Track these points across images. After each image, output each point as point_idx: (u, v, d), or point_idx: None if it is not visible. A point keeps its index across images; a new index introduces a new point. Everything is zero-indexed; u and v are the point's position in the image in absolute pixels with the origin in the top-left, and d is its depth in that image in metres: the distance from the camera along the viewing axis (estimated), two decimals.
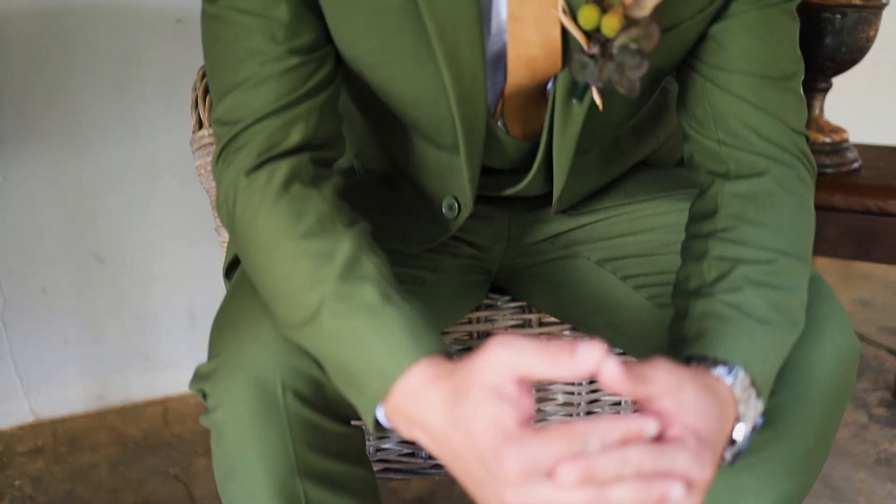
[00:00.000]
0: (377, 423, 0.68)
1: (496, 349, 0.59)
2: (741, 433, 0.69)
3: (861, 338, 2.01)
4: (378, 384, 0.65)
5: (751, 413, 0.68)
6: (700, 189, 0.82)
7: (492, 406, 0.59)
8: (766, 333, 0.70)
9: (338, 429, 0.78)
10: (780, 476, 0.79)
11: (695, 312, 0.73)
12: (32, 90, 1.49)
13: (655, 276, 0.90)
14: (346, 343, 0.67)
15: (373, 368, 0.65)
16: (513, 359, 0.58)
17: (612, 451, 0.56)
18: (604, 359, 0.57)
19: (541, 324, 1.06)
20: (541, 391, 1.10)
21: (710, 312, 0.72)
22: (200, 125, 0.97)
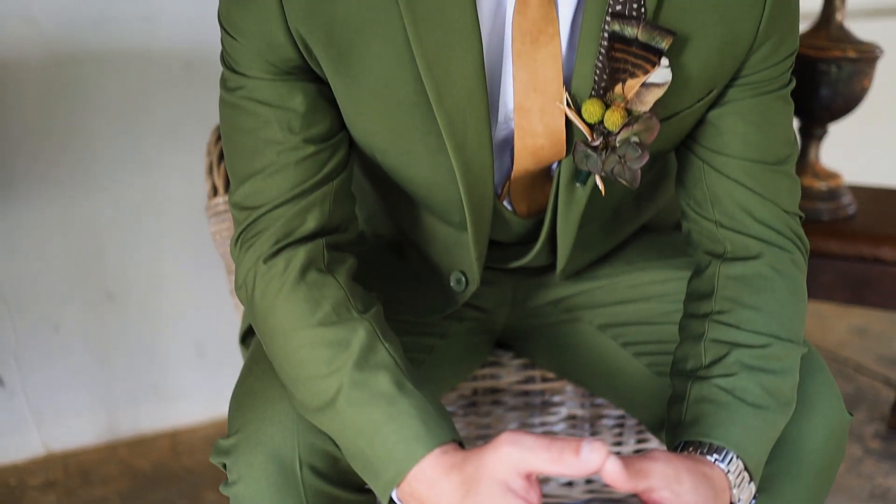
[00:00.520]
0: (391, 501, 0.72)
1: (505, 447, 0.63)
2: None
3: (857, 368, 2.05)
4: (393, 471, 0.69)
5: (744, 496, 0.72)
6: (697, 267, 0.86)
7: (501, 499, 0.63)
8: (759, 418, 0.74)
9: (352, 497, 0.81)
10: None
11: (691, 396, 0.77)
12: (45, 134, 1.52)
13: (654, 345, 0.94)
14: (363, 431, 0.70)
15: (388, 456, 0.69)
16: (521, 456, 0.62)
17: None
18: (606, 458, 0.60)
19: (543, 380, 1.10)
20: None
21: (706, 397, 0.75)
22: (215, 191, 1.00)
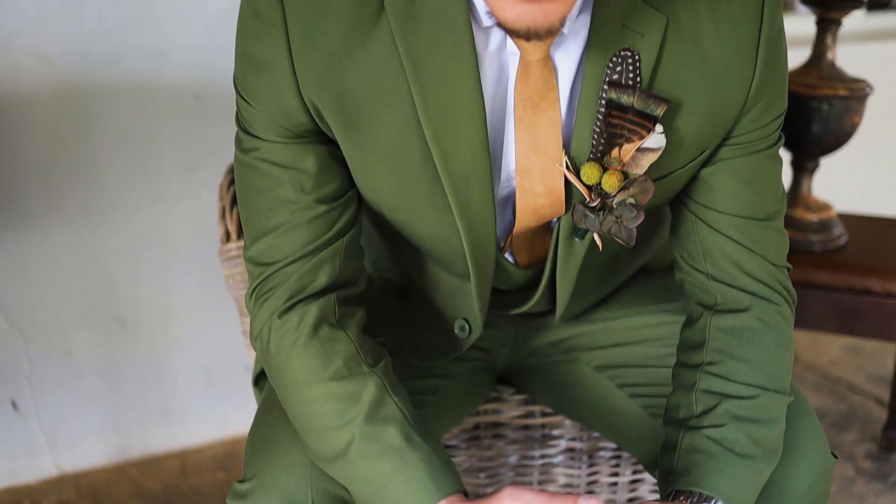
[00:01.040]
0: None
1: (507, 501, 0.67)
2: None
3: (850, 387, 2.10)
4: None
5: None
6: (690, 316, 0.90)
7: None
8: (747, 467, 0.78)
9: None
10: None
11: (683, 446, 0.81)
12: (57, 165, 1.57)
13: (649, 388, 0.98)
14: (373, 482, 0.75)
15: None
16: None
17: None
18: None
19: (543, 414, 1.14)
20: (543, 474, 1.18)
21: (696, 447, 0.80)
22: (228, 237, 1.04)
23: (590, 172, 0.79)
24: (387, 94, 0.78)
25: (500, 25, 0.70)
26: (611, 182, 0.79)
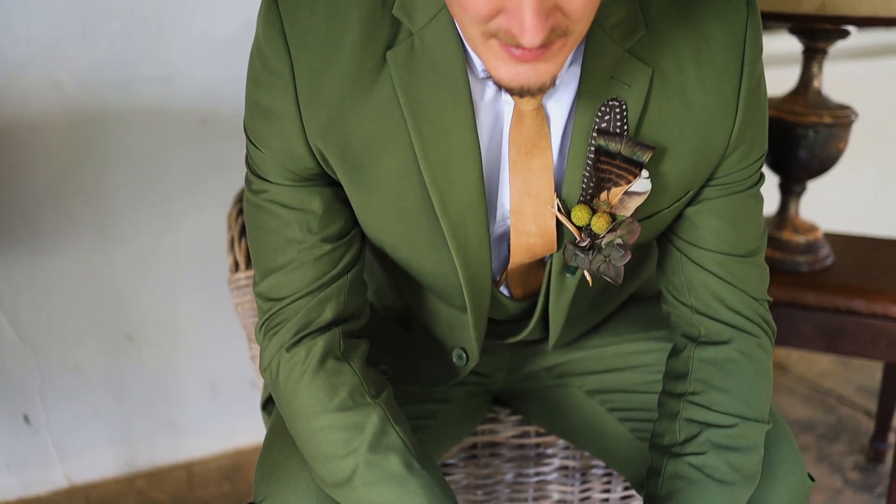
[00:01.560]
0: None
1: None
2: None
3: (839, 398, 2.14)
4: None
5: None
6: (675, 347, 0.95)
7: None
8: (726, 493, 0.83)
9: None
10: None
11: (666, 472, 0.86)
12: (69, 188, 1.61)
13: (637, 412, 1.03)
14: None
15: None
16: None
17: None
18: None
19: (537, 434, 1.19)
20: (538, 491, 1.23)
21: (679, 474, 0.85)
22: (237, 267, 1.09)
23: (580, 214, 0.84)
24: (388, 142, 0.82)
25: (495, 82, 0.75)
26: (600, 224, 0.84)
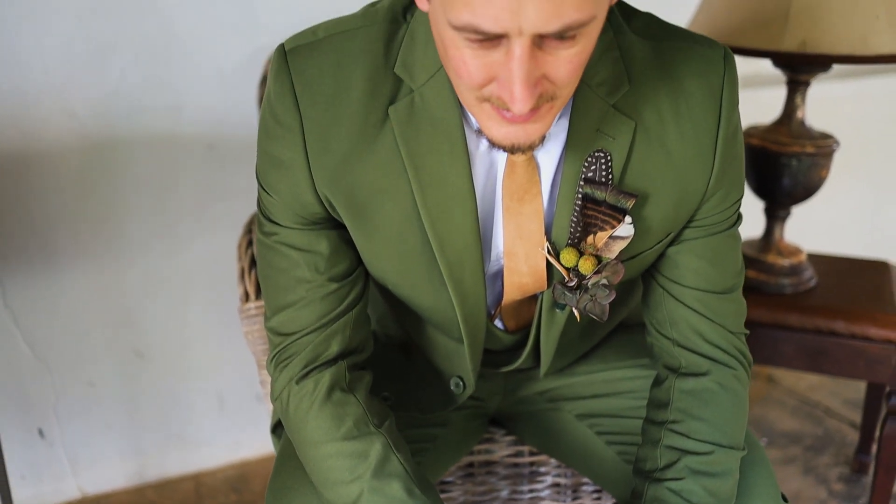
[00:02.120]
0: None
1: None
2: None
3: (827, 411, 2.21)
4: None
5: None
6: (658, 377, 1.01)
7: None
8: None
9: None
10: None
11: (648, 496, 0.93)
12: (82, 212, 1.68)
13: (623, 437, 1.10)
14: None
15: None
16: None
17: None
18: None
19: (531, 453, 1.26)
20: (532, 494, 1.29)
21: (659, 498, 0.91)
22: (247, 297, 1.16)
23: (568, 256, 0.91)
24: (391, 190, 0.89)
25: (488, 139, 0.81)
26: (586, 265, 0.91)
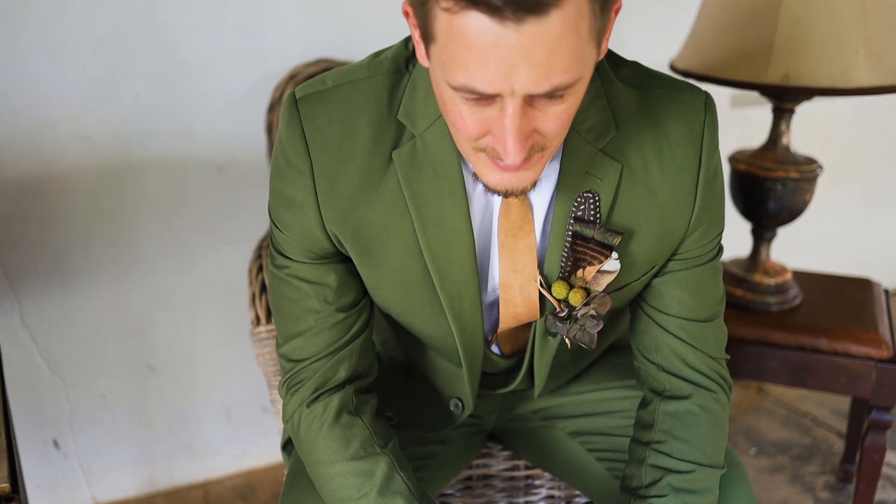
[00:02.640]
0: None
1: None
2: None
3: (815, 420, 2.28)
4: None
5: None
6: (644, 399, 1.08)
7: None
8: None
9: None
10: None
11: None
12: (96, 232, 1.75)
13: (612, 454, 1.17)
14: None
15: None
16: None
17: None
18: None
19: (526, 467, 1.33)
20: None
21: None
22: (258, 321, 1.22)
23: (559, 289, 0.98)
24: (394, 228, 0.96)
25: (484, 185, 0.88)
26: (576, 297, 0.97)
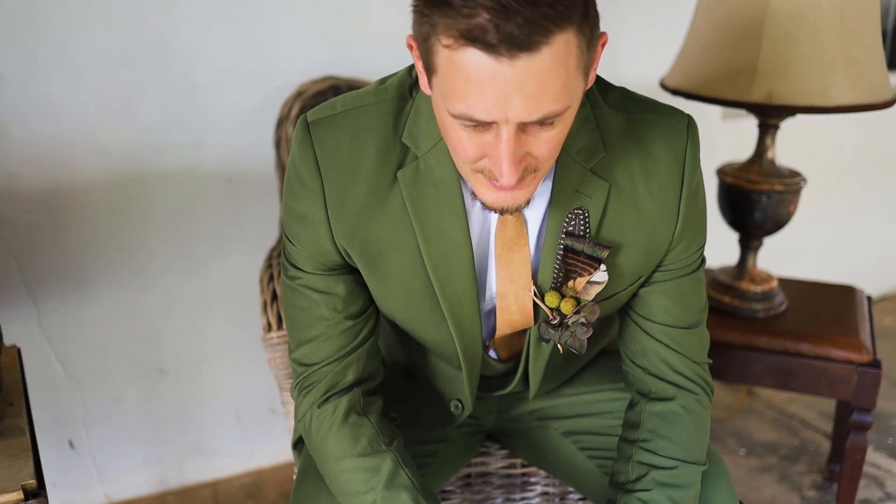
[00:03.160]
0: None
1: None
2: None
3: (803, 422, 2.35)
4: None
5: None
6: (631, 401, 1.16)
7: None
8: None
9: None
10: None
11: None
12: (111, 242, 1.82)
13: (602, 451, 1.24)
14: None
15: None
16: None
17: None
18: None
19: (522, 465, 1.40)
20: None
21: None
22: (270, 327, 1.30)
23: (551, 298, 1.05)
24: (399, 242, 1.03)
25: (481, 203, 0.95)
26: (567, 306, 1.05)
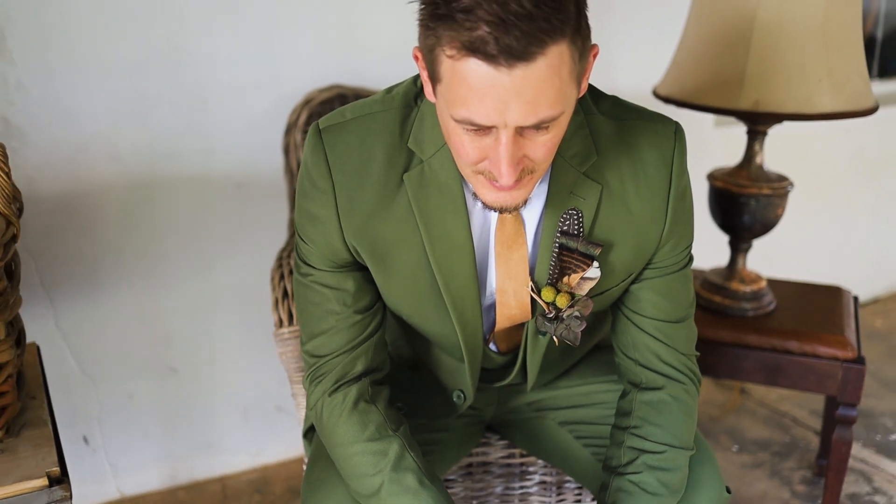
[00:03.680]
0: None
1: None
2: None
3: (794, 420, 2.42)
4: None
5: None
6: (623, 391, 1.23)
7: None
8: (656, 501, 1.11)
9: None
10: None
11: (612, 486, 1.14)
12: (125, 244, 1.89)
13: (597, 440, 1.31)
14: None
15: None
16: None
17: None
18: None
19: (521, 455, 1.47)
20: (522, 502, 1.51)
21: (621, 488, 1.13)
22: (281, 323, 1.37)
23: (547, 293, 1.12)
24: (406, 241, 1.10)
25: (481, 202, 1.03)
26: (562, 301, 1.12)
